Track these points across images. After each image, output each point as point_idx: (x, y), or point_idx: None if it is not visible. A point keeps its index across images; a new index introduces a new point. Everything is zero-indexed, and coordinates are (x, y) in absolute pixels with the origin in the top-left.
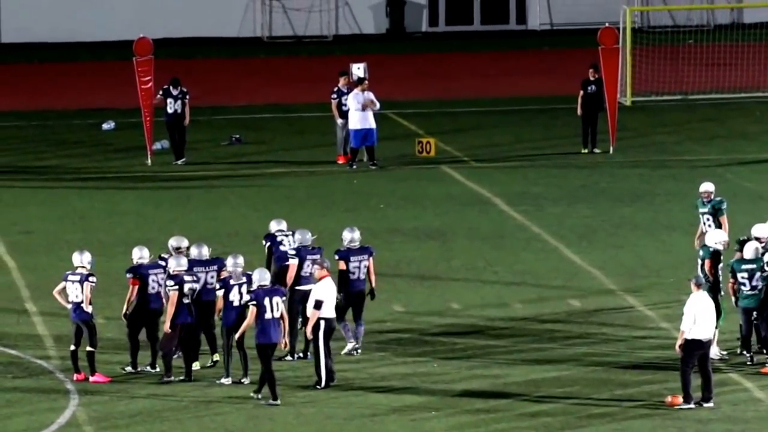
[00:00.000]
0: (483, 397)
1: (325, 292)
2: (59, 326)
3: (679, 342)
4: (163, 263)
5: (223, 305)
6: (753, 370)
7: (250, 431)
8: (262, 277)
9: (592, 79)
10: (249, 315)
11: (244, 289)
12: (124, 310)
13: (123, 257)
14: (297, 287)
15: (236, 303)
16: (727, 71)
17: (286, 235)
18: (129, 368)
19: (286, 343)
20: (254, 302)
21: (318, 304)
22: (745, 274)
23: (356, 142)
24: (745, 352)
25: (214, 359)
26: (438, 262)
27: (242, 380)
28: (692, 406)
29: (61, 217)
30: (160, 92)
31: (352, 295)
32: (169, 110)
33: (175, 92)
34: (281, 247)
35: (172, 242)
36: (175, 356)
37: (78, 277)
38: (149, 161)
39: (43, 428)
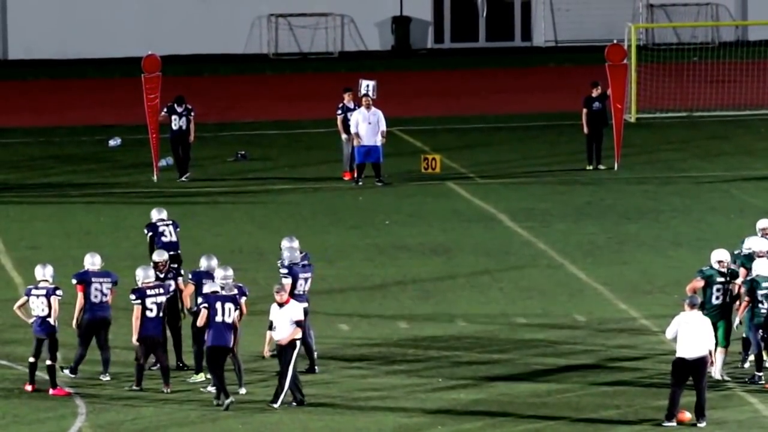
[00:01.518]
0: (488, 412)
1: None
2: (65, 341)
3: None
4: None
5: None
6: (758, 387)
7: None
8: (212, 285)
9: (594, 95)
10: (200, 317)
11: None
12: (75, 318)
13: (129, 272)
14: None
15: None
16: (732, 88)
17: (167, 225)
18: (67, 371)
19: (235, 350)
20: (205, 305)
21: (271, 325)
22: (765, 292)
23: (359, 157)
24: (756, 372)
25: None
26: (443, 278)
27: (238, 390)
28: (673, 423)
29: (68, 232)
30: (165, 109)
31: None
32: (174, 127)
33: (179, 109)
34: (162, 238)
35: (203, 262)
36: (155, 368)
37: (44, 291)
38: (155, 177)
39: None
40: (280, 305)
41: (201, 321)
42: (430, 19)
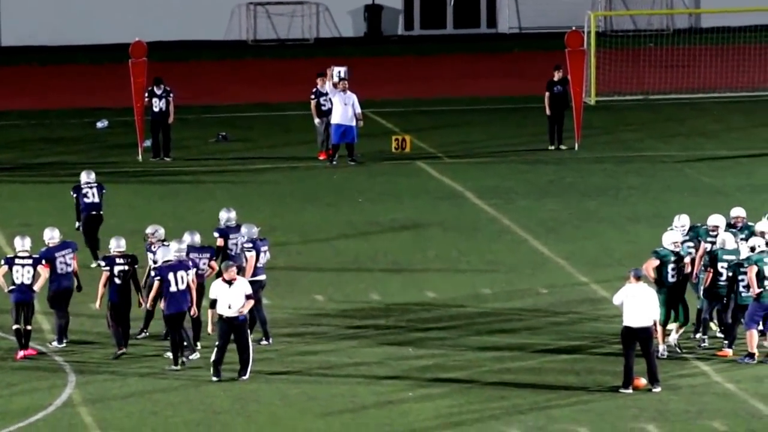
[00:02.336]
0: (456, 379)
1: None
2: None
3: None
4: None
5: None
6: (710, 354)
7: (236, 412)
8: (165, 254)
9: (556, 79)
10: (154, 288)
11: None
12: (47, 295)
13: None
14: (253, 278)
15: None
16: (686, 73)
17: (92, 187)
18: (55, 343)
19: (194, 311)
20: (159, 277)
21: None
22: (726, 264)
23: (336, 138)
24: (700, 335)
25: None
26: (413, 253)
27: (190, 356)
28: (630, 391)
29: (59, 210)
30: (146, 95)
31: None
32: (155, 109)
33: (159, 91)
34: (85, 199)
35: (148, 230)
36: (141, 336)
37: (31, 261)
38: (140, 157)
39: (42, 408)
40: (230, 282)
41: (154, 292)
42: (401, 8)
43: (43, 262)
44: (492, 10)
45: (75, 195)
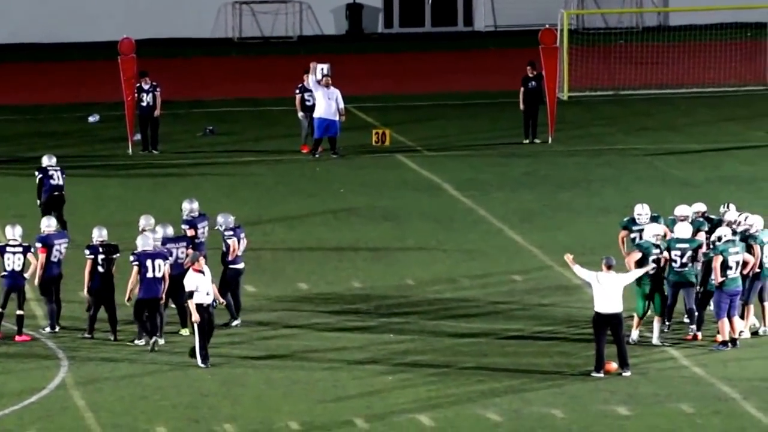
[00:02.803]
0: (434, 364)
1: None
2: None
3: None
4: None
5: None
6: (677, 338)
7: (223, 395)
8: (145, 242)
9: (530, 75)
10: (132, 274)
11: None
12: (37, 278)
13: (109, 237)
14: (233, 266)
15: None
16: (655, 69)
17: (56, 170)
18: (48, 329)
19: (163, 299)
20: (137, 263)
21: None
22: (679, 252)
23: (319, 131)
24: (666, 321)
25: (182, 333)
26: (393, 242)
27: (159, 340)
28: (601, 375)
29: None
30: (135, 91)
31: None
32: (143, 104)
33: (146, 86)
34: (51, 181)
35: (141, 221)
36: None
37: (21, 249)
38: (130, 151)
39: (36, 391)
40: (202, 272)
41: (133, 277)
42: (381, 6)
43: (39, 245)
44: (468, 9)
45: (40, 176)
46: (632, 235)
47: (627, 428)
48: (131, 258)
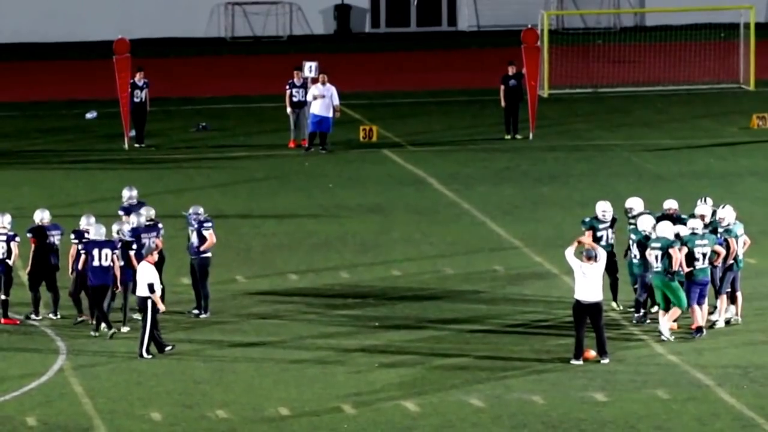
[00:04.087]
0: (419, 351)
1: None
2: (46, 292)
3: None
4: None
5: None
6: (652, 327)
7: (215, 382)
8: (97, 231)
9: (510, 74)
10: (80, 262)
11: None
12: (28, 268)
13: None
14: (204, 255)
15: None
16: (632, 68)
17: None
18: (33, 316)
19: (117, 287)
20: (84, 251)
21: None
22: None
23: (313, 126)
24: (635, 313)
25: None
26: (380, 234)
27: (122, 328)
28: (580, 362)
29: (51, 195)
30: (130, 89)
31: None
32: (136, 99)
33: (140, 83)
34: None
35: (82, 221)
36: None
37: (4, 237)
38: (126, 146)
39: (36, 377)
40: (154, 265)
41: (80, 265)
42: (368, 7)
43: (30, 236)
44: (452, 10)
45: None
46: (599, 234)
47: (604, 414)
48: (78, 247)
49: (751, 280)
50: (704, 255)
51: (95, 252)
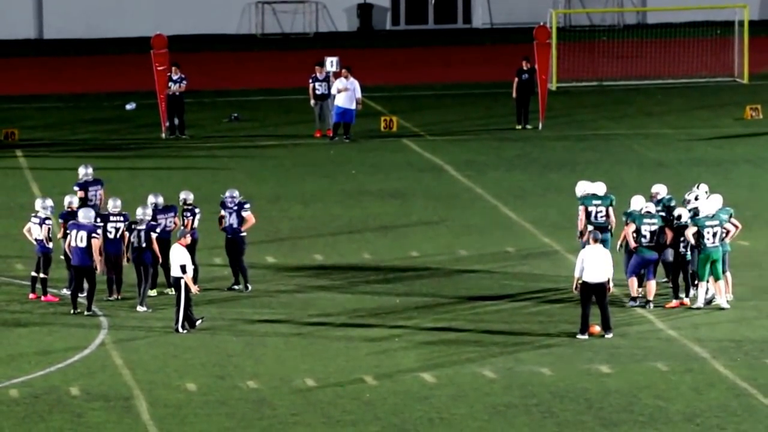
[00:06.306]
0: (436, 328)
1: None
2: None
3: (574, 284)
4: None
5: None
6: (654, 304)
7: (247, 355)
8: (86, 215)
9: (524, 68)
10: (66, 241)
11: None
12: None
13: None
14: (242, 234)
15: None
16: (634, 62)
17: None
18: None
19: (97, 266)
20: (68, 232)
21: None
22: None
23: (337, 117)
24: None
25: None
26: (399, 218)
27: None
28: (586, 336)
29: None
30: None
31: None
32: (169, 93)
33: (175, 77)
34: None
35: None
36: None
37: (38, 220)
38: (163, 135)
39: (79, 350)
40: (187, 247)
41: (66, 245)
42: (389, 5)
43: (61, 221)
44: (467, 8)
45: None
46: (590, 209)
47: (608, 384)
48: (61, 221)
49: (745, 261)
50: (651, 233)
51: (73, 232)
